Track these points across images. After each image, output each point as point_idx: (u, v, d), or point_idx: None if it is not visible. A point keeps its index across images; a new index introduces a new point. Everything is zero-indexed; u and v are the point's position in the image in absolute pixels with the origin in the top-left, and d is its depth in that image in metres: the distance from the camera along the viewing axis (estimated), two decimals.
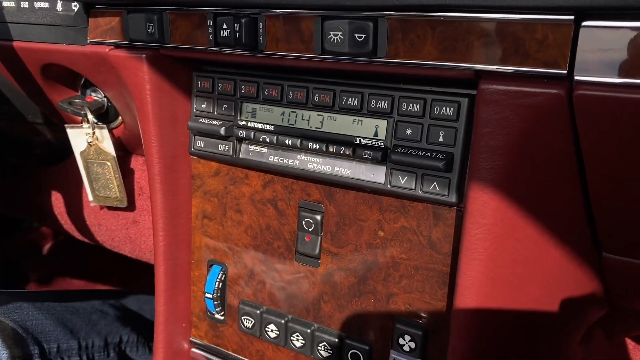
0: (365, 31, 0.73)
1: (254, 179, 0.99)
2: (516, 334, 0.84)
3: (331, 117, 0.87)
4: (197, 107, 1.01)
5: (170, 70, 0.98)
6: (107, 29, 0.99)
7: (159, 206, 1.03)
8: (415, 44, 0.71)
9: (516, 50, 0.65)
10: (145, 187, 1.29)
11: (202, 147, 1.01)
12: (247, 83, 0.94)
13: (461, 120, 0.77)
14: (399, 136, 0.81)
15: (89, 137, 1.19)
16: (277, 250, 0.99)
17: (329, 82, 0.87)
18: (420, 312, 0.87)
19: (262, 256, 1.01)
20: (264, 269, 1.01)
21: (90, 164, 1.22)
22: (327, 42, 0.76)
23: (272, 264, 1.00)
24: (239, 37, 0.83)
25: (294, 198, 0.96)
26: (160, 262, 1.06)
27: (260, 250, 1.01)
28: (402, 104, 0.80)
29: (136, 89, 0.97)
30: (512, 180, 0.70)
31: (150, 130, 0.99)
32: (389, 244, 0.87)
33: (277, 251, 0.99)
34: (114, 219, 1.36)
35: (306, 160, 0.91)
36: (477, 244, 0.74)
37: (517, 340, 0.85)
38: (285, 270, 0.99)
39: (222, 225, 1.05)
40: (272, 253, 1.00)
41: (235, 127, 0.96)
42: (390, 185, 0.83)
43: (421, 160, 0.78)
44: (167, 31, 0.91)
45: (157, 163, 1.01)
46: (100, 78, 1.08)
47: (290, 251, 0.98)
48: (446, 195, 0.79)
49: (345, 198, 0.90)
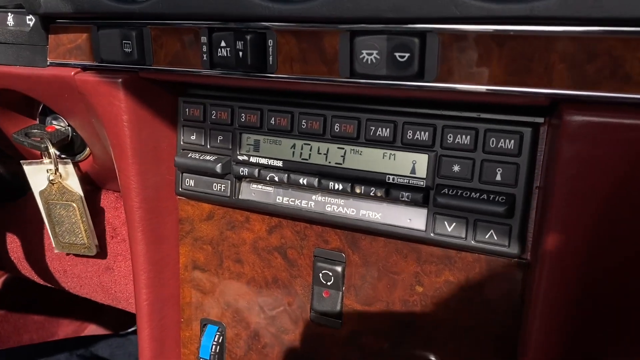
0: (409, 49, 0.58)
1: (257, 223, 0.83)
2: None
3: (355, 151, 0.72)
4: (184, 139, 0.84)
5: (151, 95, 0.81)
6: (71, 48, 0.82)
7: (141, 259, 0.86)
8: (476, 65, 0.57)
9: (613, 73, 0.51)
10: (119, 228, 1.10)
11: (191, 187, 0.84)
12: (248, 110, 0.78)
13: (524, 155, 0.63)
14: (444, 174, 0.67)
15: (50, 174, 1.00)
16: (287, 308, 0.83)
17: (351, 108, 0.72)
18: None
19: (269, 315, 0.85)
20: (272, 330, 0.85)
21: (52, 206, 1.03)
22: (358, 63, 0.61)
23: (282, 324, 0.84)
24: (243, 58, 0.67)
25: (307, 246, 0.80)
26: (145, 325, 0.88)
27: (265, 307, 0.85)
28: (447, 135, 0.66)
29: (110, 120, 0.80)
30: (601, 229, 0.56)
31: (129, 169, 0.81)
32: (430, 301, 0.73)
33: (288, 309, 0.83)
34: (82, 265, 1.17)
35: (324, 201, 0.75)
36: (556, 307, 0.60)
37: None
38: (297, 332, 0.83)
39: (217, 277, 0.88)
40: (282, 311, 0.84)
41: (234, 163, 0.79)
42: (434, 233, 0.68)
43: (475, 203, 0.64)
44: (148, 50, 0.74)
45: (138, 207, 0.83)
46: (63, 106, 0.90)
47: (303, 309, 0.82)
48: (506, 246, 0.65)
49: (372, 246, 0.75)
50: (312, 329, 0.82)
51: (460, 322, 0.71)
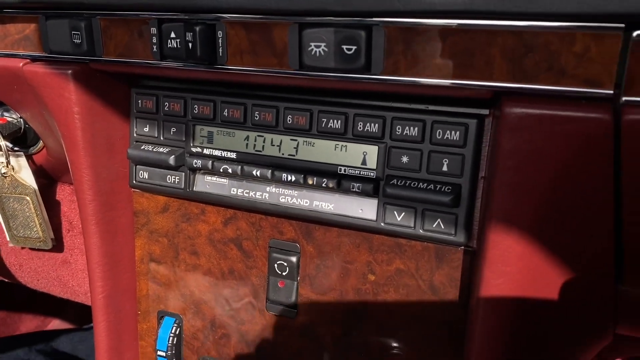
0: (356, 42, 0.59)
1: (213, 215, 0.83)
2: None
3: (308, 143, 0.73)
4: (137, 130, 0.83)
5: (103, 87, 0.80)
6: (19, 39, 0.80)
7: (96, 252, 0.85)
8: (420, 58, 0.58)
9: (550, 66, 0.53)
10: (75, 222, 1.09)
11: (145, 179, 0.83)
12: (201, 102, 0.78)
13: (469, 146, 0.64)
14: (394, 165, 0.68)
15: (2, 166, 0.98)
16: (243, 299, 0.84)
17: (303, 100, 0.72)
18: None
19: (225, 305, 0.85)
20: (228, 320, 0.86)
21: (4, 199, 1.02)
22: (306, 55, 0.61)
23: (239, 315, 0.85)
24: (193, 49, 0.66)
25: (262, 237, 0.81)
26: (100, 318, 0.88)
27: (222, 298, 0.85)
28: (396, 127, 0.67)
29: (61, 112, 0.79)
30: (540, 219, 0.58)
31: (81, 162, 0.80)
32: (382, 289, 0.74)
33: (244, 299, 0.84)
34: (38, 259, 1.15)
35: (278, 193, 0.76)
36: (497, 295, 0.61)
37: None
38: (254, 322, 0.84)
39: (173, 270, 0.88)
40: (238, 302, 0.84)
41: (188, 155, 0.79)
42: (384, 222, 0.69)
43: (423, 194, 0.65)
44: (98, 41, 0.73)
45: (92, 200, 0.82)
46: (13, 98, 0.89)
47: (259, 299, 0.83)
48: (453, 234, 0.67)
49: (326, 236, 0.76)
50: (268, 319, 0.83)
51: (410, 310, 0.73)
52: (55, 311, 2.08)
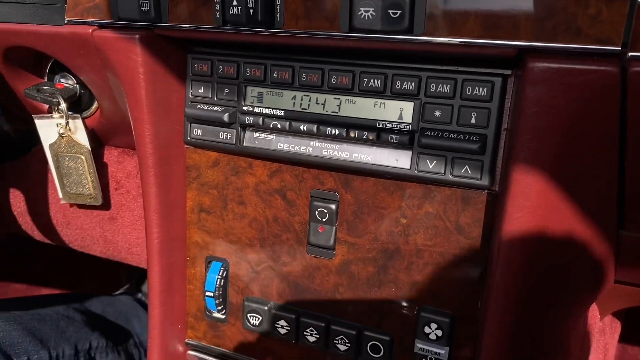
0: (401, 7, 0.69)
1: (259, 169, 0.93)
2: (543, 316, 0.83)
3: (349, 101, 0.83)
4: (192, 92, 0.93)
5: (164, 51, 0.89)
6: (89, 7, 0.89)
7: (153, 200, 0.95)
8: (456, 21, 0.68)
9: (567, 27, 0.63)
10: (122, 181, 1.19)
11: (199, 136, 0.93)
12: (252, 65, 0.87)
13: (494, 100, 0.74)
14: (427, 118, 0.78)
15: (60, 128, 1.08)
16: (286, 243, 0.94)
17: (346, 62, 0.82)
18: (446, 299, 0.84)
19: (269, 250, 0.96)
20: (272, 263, 0.96)
21: (61, 158, 1.11)
22: (356, 19, 0.71)
23: (281, 257, 0.95)
24: (253, 15, 0.76)
25: (304, 187, 0.91)
26: (155, 261, 0.98)
27: (266, 243, 0.96)
28: (430, 85, 0.77)
29: (127, 74, 0.88)
30: (556, 161, 0.68)
31: (144, 118, 0.90)
32: (412, 231, 0.84)
33: (287, 244, 0.94)
34: (86, 217, 1.25)
35: (320, 146, 0.86)
36: (518, 227, 0.72)
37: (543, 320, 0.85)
38: (295, 264, 0.94)
39: (222, 219, 0.98)
40: (281, 246, 0.95)
41: (240, 113, 0.89)
42: (417, 170, 0.79)
43: (454, 143, 0.75)
44: (164, 9, 0.83)
45: (152, 154, 0.92)
46: (78, 62, 0.98)
47: (301, 243, 0.93)
48: (479, 179, 0.77)
49: (363, 185, 0.86)
50: (308, 260, 0.93)
51: (437, 248, 0.83)
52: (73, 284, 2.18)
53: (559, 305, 0.84)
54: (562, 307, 0.84)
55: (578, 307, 0.87)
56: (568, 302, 0.84)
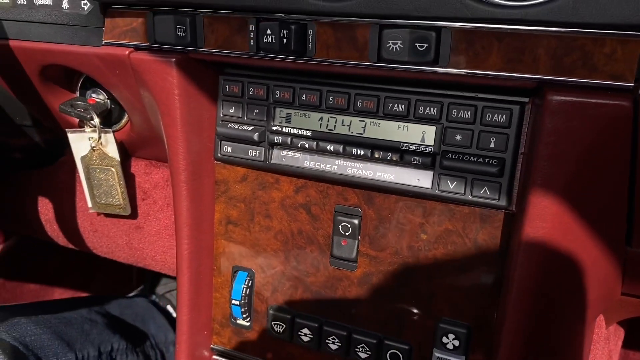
0: (428, 41, 0.74)
1: (285, 184, 0.98)
2: (556, 326, 0.89)
3: (374, 123, 0.88)
4: (224, 111, 0.98)
5: (198, 73, 0.95)
6: (126, 30, 0.95)
7: (185, 213, 1.00)
8: (479, 55, 0.73)
9: (584, 63, 0.68)
10: (149, 191, 1.24)
11: (229, 153, 0.98)
12: (282, 88, 0.92)
13: (513, 126, 0.79)
14: (448, 142, 0.83)
15: (93, 141, 1.13)
16: (310, 255, 0.99)
17: (372, 87, 0.87)
18: (464, 310, 0.90)
19: (294, 261, 1.01)
20: (295, 273, 1.01)
21: (92, 170, 1.16)
22: (384, 51, 0.76)
23: (304, 268, 1.00)
24: (287, 44, 0.81)
25: (329, 203, 0.96)
26: (185, 270, 1.03)
27: (291, 254, 1.01)
28: (451, 110, 0.82)
29: (163, 94, 0.93)
30: (571, 185, 0.73)
31: (178, 137, 0.95)
32: (432, 246, 0.90)
33: (310, 255, 0.99)
34: (113, 225, 1.30)
35: (345, 165, 0.91)
36: (534, 246, 0.77)
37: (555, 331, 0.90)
38: (318, 275, 0.99)
39: (248, 230, 1.03)
40: (305, 257, 1.00)
41: (269, 133, 0.94)
42: (439, 190, 0.84)
43: (474, 165, 0.81)
44: (200, 35, 0.88)
45: (184, 170, 0.97)
46: (112, 80, 1.03)
47: (324, 255, 0.98)
48: (497, 199, 0.82)
49: (385, 202, 0.91)
50: (331, 271, 0.98)
51: (457, 263, 0.88)
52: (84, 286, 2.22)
53: (570, 316, 0.89)
54: (572, 318, 0.90)
55: (587, 317, 0.92)
56: (578, 313, 0.89)
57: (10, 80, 1.14)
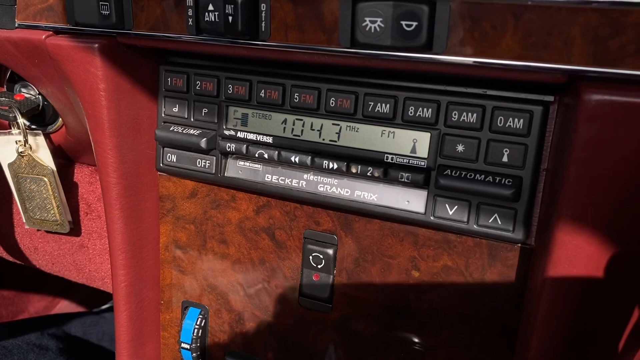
0: (418, 17, 0.53)
1: (244, 203, 0.79)
2: None
3: (351, 128, 0.68)
4: (165, 110, 0.78)
5: (130, 62, 0.75)
6: (42, 9, 0.75)
7: (119, 238, 0.80)
8: (489, 37, 0.52)
9: (638, 49, 0.48)
10: (94, 204, 1.04)
11: (174, 163, 0.79)
12: (236, 81, 0.72)
13: (533, 135, 0.59)
14: (447, 153, 0.63)
15: (19, 145, 0.94)
16: (274, 291, 0.80)
17: (348, 81, 0.67)
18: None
19: (255, 297, 0.81)
20: (257, 313, 0.81)
21: (21, 180, 0.97)
22: (360, 32, 0.56)
23: (268, 307, 0.80)
24: (233, 23, 0.61)
25: (297, 227, 0.76)
26: (122, 308, 0.83)
27: (252, 290, 0.81)
28: (451, 113, 0.62)
29: (86, 89, 0.74)
30: (613, 218, 0.53)
31: (106, 142, 0.76)
32: (426, 286, 0.70)
33: (275, 292, 0.79)
34: (54, 242, 1.11)
35: (316, 180, 0.71)
36: (561, 294, 0.57)
37: None
38: (285, 316, 0.80)
39: (200, 258, 0.84)
40: (269, 294, 0.80)
41: (220, 138, 0.74)
42: (434, 216, 0.64)
43: (481, 186, 0.60)
44: (128, 13, 0.68)
45: (116, 183, 0.78)
46: (33, 72, 0.84)
47: (292, 292, 0.78)
48: (510, 231, 0.62)
49: (367, 228, 0.72)
50: (300, 312, 0.78)
51: (457, 309, 0.68)
52: (64, 292, 2.05)
53: None
54: None
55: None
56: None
57: None
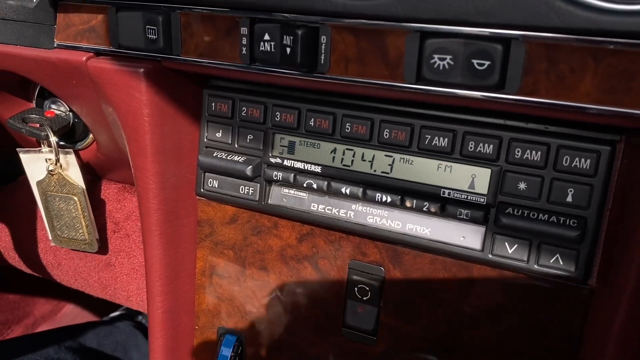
0: (491, 57, 0.52)
1: (286, 230, 0.77)
2: None
3: (405, 160, 0.66)
4: (208, 135, 0.76)
5: (174, 87, 0.73)
6: (84, 30, 0.73)
7: (158, 264, 0.78)
8: (566, 79, 0.51)
9: None
10: (122, 223, 1.03)
11: (215, 188, 0.77)
12: (284, 109, 0.71)
13: (599, 175, 0.58)
14: (508, 191, 0.61)
15: (50, 164, 0.92)
16: (315, 321, 0.78)
17: (404, 112, 0.65)
18: None
19: (295, 326, 0.79)
20: (298, 343, 0.80)
21: (50, 198, 0.95)
22: (427, 68, 0.54)
23: (309, 337, 0.79)
24: (291, 55, 0.59)
25: (342, 257, 0.74)
26: (158, 334, 0.82)
27: (292, 318, 0.79)
28: (514, 150, 0.60)
29: (129, 113, 0.72)
30: None
31: (148, 168, 0.74)
32: (479, 323, 0.68)
33: (317, 322, 0.78)
34: (79, 259, 1.09)
35: (365, 212, 0.69)
36: (631, 343, 0.55)
37: None
38: (326, 346, 0.78)
39: (238, 284, 0.82)
40: (310, 323, 0.78)
41: (266, 166, 0.73)
42: (492, 254, 0.63)
43: (545, 226, 0.59)
44: (177, 39, 0.66)
45: (157, 210, 0.76)
46: (69, 92, 0.81)
47: (334, 323, 0.77)
48: (572, 272, 0.60)
49: (417, 262, 0.70)
50: (342, 344, 0.77)
51: (510, 347, 0.67)
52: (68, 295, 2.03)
53: None
54: None
55: None
56: None
57: None
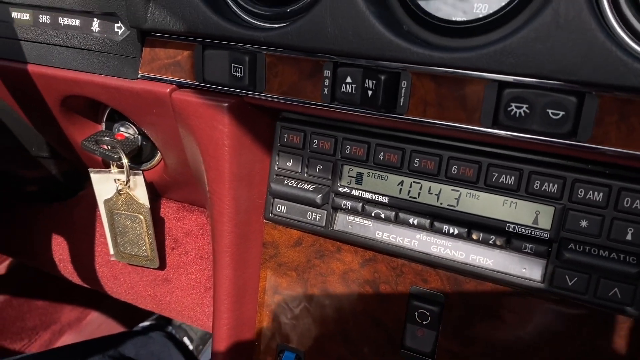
0: (565, 108, 0.57)
1: (349, 255, 0.82)
2: None
3: (471, 195, 0.71)
4: (279, 164, 0.81)
5: (251, 119, 0.78)
6: (169, 64, 0.78)
7: (227, 284, 0.84)
8: (636, 131, 0.56)
9: None
10: (181, 240, 1.08)
11: (283, 213, 0.82)
12: (354, 142, 0.76)
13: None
14: (570, 227, 0.66)
15: (119, 184, 0.97)
16: (374, 341, 0.82)
17: (472, 150, 0.70)
18: None
19: (354, 347, 0.84)
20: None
21: (116, 216, 1.00)
22: (503, 115, 0.59)
23: (366, 356, 0.83)
24: (372, 97, 0.64)
25: (403, 282, 0.79)
26: (222, 348, 0.86)
27: (351, 339, 0.84)
28: (577, 190, 0.65)
29: (210, 144, 0.77)
30: None
31: (225, 194, 0.79)
32: (536, 350, 0.72)
33: (376, 343, 0.82)
34: (136, 274, 1.14)
35: (429, 241, 0.74)
36: None
37: None
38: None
39: (299, 304, 0.86)
40: (368, 344, 0.83)
41: (335, 195, 0.78)
42: (552, 286, 0.67)
43: (607, 263, 0.63)
44: (261, 78, 0.72)
45: (230, 232, 0.81)
46: (147, 119, 0.87)
47: (393, 344, 0.81)
48: (629, 304, 0.64)
49: (477, 290, 0.74)
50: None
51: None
52: (95, 303, 2.08)
53: None
54: None
55: None
56: None
57: (27, 108, 0.98)
